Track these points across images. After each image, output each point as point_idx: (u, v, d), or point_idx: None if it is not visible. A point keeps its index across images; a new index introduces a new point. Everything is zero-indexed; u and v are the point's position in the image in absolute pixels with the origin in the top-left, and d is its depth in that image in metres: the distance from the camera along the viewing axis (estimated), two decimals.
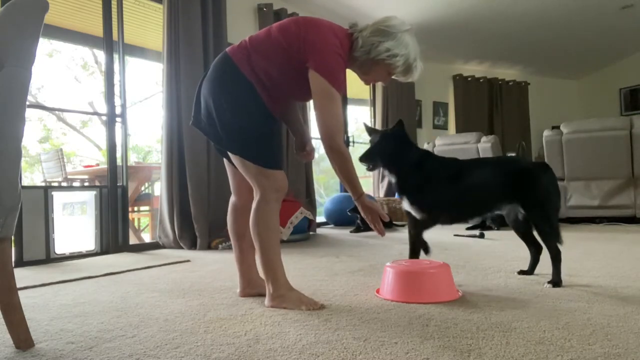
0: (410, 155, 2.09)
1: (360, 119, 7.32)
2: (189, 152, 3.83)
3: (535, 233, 2.19)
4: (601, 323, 1.45)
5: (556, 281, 2.02)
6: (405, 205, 2.09)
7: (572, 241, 3.57)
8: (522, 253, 2.18)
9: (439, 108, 8.03)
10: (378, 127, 6.63)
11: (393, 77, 1.87)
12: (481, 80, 8.33)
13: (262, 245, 1.79)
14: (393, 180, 2.13)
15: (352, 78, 1.86)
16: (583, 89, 9.30)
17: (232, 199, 2.06)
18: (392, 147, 2.08)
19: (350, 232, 4.81)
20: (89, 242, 3.55)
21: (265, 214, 1.78)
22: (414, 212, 2.08)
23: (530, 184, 2.08)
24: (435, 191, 2.05)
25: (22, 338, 1.35)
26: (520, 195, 2.09)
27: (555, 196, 2.14)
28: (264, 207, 1.78)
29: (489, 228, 4.51)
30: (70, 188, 4.44)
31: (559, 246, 2.07)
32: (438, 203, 2.05)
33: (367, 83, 1.92)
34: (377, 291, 1.97)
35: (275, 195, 1.79)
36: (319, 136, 1.75)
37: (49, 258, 3.25)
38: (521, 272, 2.30)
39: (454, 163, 2.14)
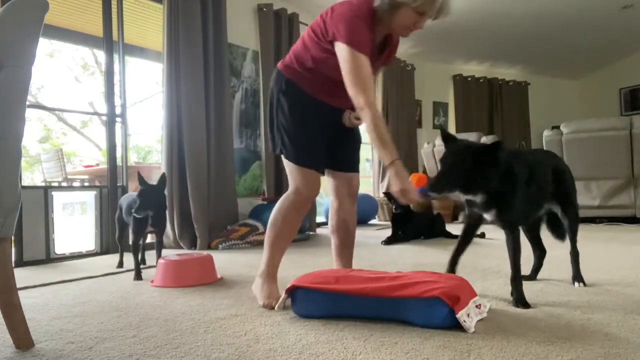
0: (497, 170, 1.67)
1: None
2: (189, 152, 3.83)
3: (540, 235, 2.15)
4: (601, 323, 1.45)
5: (582, 278, 2.02)
6: (489, 217, 1.79)
7: None
8: (522, 253, 2.17)
9: (439, 108, 8.03)
10: None
11: (426, 18, 1.71)
12: (481, 80, 8.33)
13: (268, 232, 1.90)
14: (479, 200, 1.75)
15: None
16: (583, 89, 9.30)
17: (331, 197, 2.09)
18: (481, 170, 1.66)
19: (383, 242, 3.82)
20: (89, 242, 3.55)
21: (281, 209, 1.87)
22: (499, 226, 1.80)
23: (565, 181, 2.01)
24: (518, 201, 1.75)
25: (22, 338, 1.35)
26: (558, 193, 2.00)
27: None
28: (285, 199, 1.88)
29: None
30: (70, 188, 4.44)
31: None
32: (519, 214, 1.79)
33: (403, 35, 1.78)
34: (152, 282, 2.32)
35: (296, 196, 1.86)
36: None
37: (49, 258, 3.25)
38: (523, 278, 2.16)
39: (526, 162, 1.83)
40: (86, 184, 5.12)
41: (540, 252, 2.18)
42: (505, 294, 1.88)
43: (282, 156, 1.89)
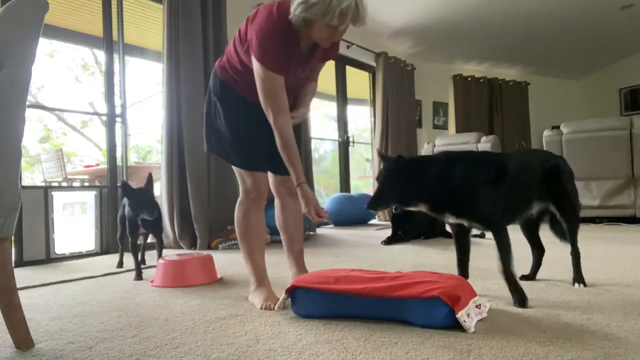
0: (432, 174, 1.74)
1: (361, 119, 7.33)
2: (189, 152, 3.83)
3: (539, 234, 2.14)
4: (601, 323, 1.45)
5: (583, 279, 2.01)
6: (451, 220, 1.82)
7: None
8: (521, 253, 2.17)
9: (439, 108, 8.03)
10: (378, 126, 6.62)
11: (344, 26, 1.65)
12: (481, 80, 8.33)
13: (240, 246, 1.94)
14: (424, 209, 1.79)
15: (351, 78, 1.82)
16: (583, 89, 9.30)
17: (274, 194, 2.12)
18: (406, 179, 1.74)
19: (383, 242, 3.84)
20: (89, 242, 3.55)
21: (238, 214, 1.93)
22: (466, 224, 1.83)
23: (562, 182, 2.00)
24: (483, 201, 1.75)
25: (22, 338, 1.35)
26: (555, 194, 1.98)
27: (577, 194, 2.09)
28: (239, 207, 1.93)
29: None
30: (70, 188, 4.44)
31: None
32: (487, 212, 1.77)
33: (324, 45, 1.75)
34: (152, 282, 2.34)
35: (246, 197, 1.91)
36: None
37: (49, 258, 3.25)
38: (523, 278, 2.11)
39: (492, 161, 1.85)
40: (86, 184, 5.12)
41: (539, 251, 2.16)
42: (505, 294, 1.88)
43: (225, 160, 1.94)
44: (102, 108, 3.77)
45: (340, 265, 2.75)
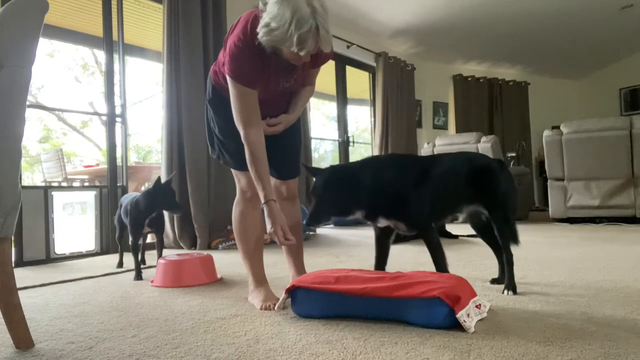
0: (360, 180, 1.74)
1: (361, 119, 7.34)
2: (189, 152, 3.83)
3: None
4: (601, 323, 1.45)
5: (514, 286, 1.90)
6: (382, 222, 1.84)
7: (572, 241, 3.57)
8: (522, 253, 2.17)
9: (439, 108, 8.03)
10: (378, 126, 6.62)
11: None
12: (481, 80, 8.33)
13: (238, 246, 1.96)
14: (361, 216, 1.80)
15: (351, 78, 1.81)
16: (583, 89, 9.30)
17: None
18: (342, 189, 1.71)
19: None
20: (89, 242, 3.55)
21: (235, 213, 1.94)
22: (400, 226, 1.83)
23: (490, 182, 1.93)
24: (415, 202, 1.78)
25: (22, 338, 1.35)
26: (483, 195, 1.93)
27: (514, 195, 2.00)
28: (235, 207, 1.95)
29: None
30: (70, 188, 4.44)
31: (515, 247, 1.96)
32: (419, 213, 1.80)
33: (296, 64, 1.67)
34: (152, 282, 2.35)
35: (242, 196, 1.92)
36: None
37: (49, 258, 3.25)
38: (494, 281, 2.09)
39: (412, 164, 1.87)
40: (86, 184, 5.12)
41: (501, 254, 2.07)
42: (505, 294, 1.88)
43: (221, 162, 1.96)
44: (102, 108, 3.77)
45: (340, 265, 2.75)
